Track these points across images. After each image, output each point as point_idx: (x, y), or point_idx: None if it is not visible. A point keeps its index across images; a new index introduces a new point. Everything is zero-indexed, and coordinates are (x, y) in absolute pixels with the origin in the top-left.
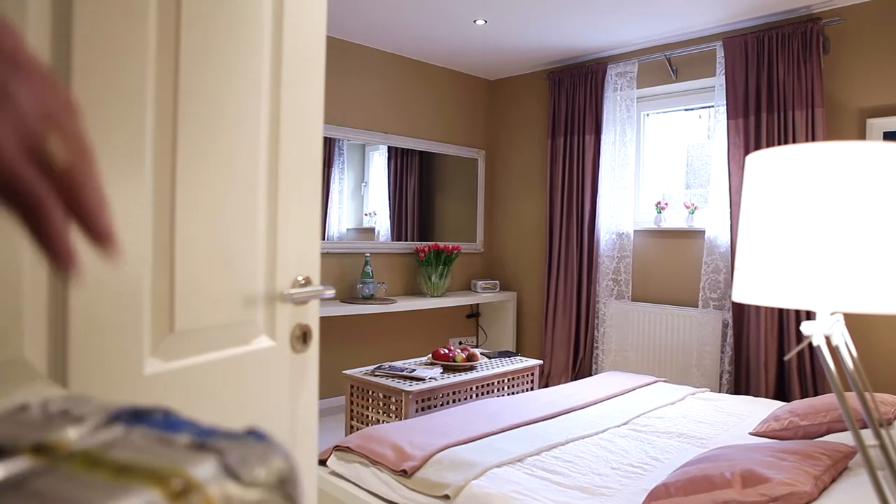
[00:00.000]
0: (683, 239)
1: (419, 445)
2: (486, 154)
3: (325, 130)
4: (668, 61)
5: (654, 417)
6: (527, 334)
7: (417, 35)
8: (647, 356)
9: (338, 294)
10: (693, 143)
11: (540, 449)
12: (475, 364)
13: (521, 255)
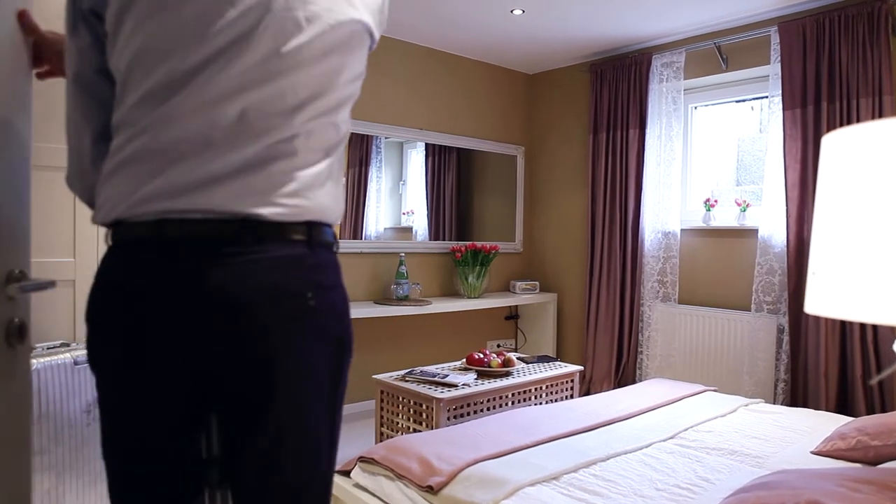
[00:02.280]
0: (734, 238)
1: (447, 459)
2: (525, 150)
3: (360, 127)
4: (717, 49)
5: (704, 431)
6: (567, 338)
7: (453, 28)
8: (694, 363)
9: (371, 295)
10: (744, 137)
11: (578, 465)
12: (511, 370)
13: (562, 255)
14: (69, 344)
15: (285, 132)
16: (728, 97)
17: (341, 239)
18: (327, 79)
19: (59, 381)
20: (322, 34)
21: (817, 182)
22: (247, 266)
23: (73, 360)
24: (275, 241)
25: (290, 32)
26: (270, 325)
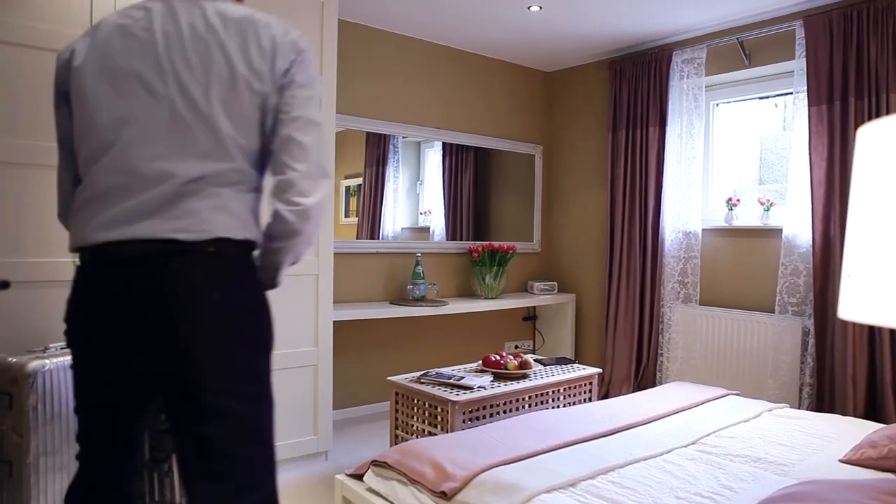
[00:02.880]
0: (758, 238)
1: (461, 464)
2: (543, 149)
3: (376, 126)
4: (740, 45)
5: (726, 437)
6: (586, 339)
7: (469, 25)
8: (716, 365)
9: (387, 295)
10: (767, 135)
11: (596, 472)
12: (528, 372)
13: (581, 255)
14: None
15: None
16: (751, 94)
17: (359, 239)
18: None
19: (70, 382)
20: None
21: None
22: (164, 274)
23: None
24: (188, 255)
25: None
26: (183, 319)
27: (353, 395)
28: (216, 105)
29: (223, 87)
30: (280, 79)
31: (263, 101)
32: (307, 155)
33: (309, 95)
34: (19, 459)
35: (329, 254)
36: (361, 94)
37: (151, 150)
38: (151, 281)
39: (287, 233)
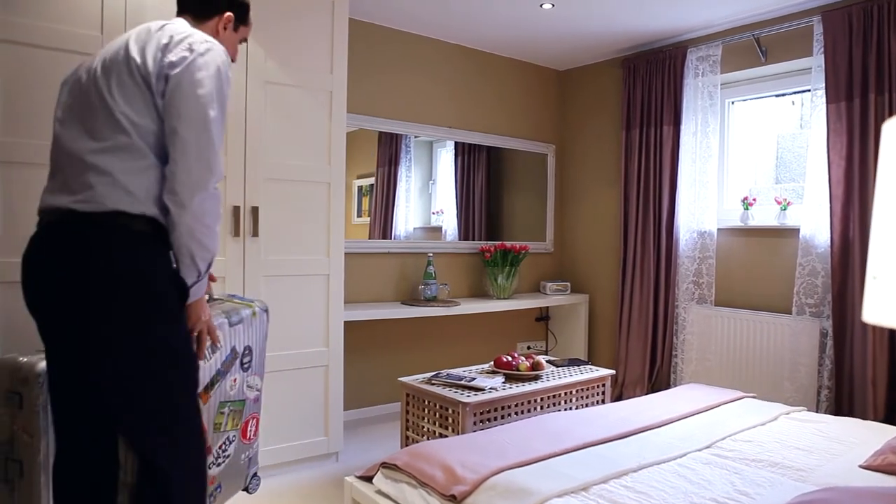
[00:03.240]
0: (774, 238)
1: (471, 467)
2: (556, 148)
3: (388, 126)
4: (756, 42)
5: (742, 441)
6: (599, 340)
7: (481, 23)
8: (732, 367)
9: (398, 296)
10: (784, 133)
11: (608, 476)
12: (540, 373)
13: (594, 255)
14: None
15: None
16: (767, 91)
17: (371, 239)
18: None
19: None
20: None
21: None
22: (62, 238)
23: None
24: (82, 224)
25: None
26: (71, 279)
27: (364, 396)
28: (115, 89)
29: (122, 74)
30: (167, 69)
31: (148, 84)
32: (186, 149)
33: (199, 94)
34: (30, 459)
35: (339, 254)
36: (373, 94)
37: (70, 133)
38: (52, 244)
39: (171, 224)
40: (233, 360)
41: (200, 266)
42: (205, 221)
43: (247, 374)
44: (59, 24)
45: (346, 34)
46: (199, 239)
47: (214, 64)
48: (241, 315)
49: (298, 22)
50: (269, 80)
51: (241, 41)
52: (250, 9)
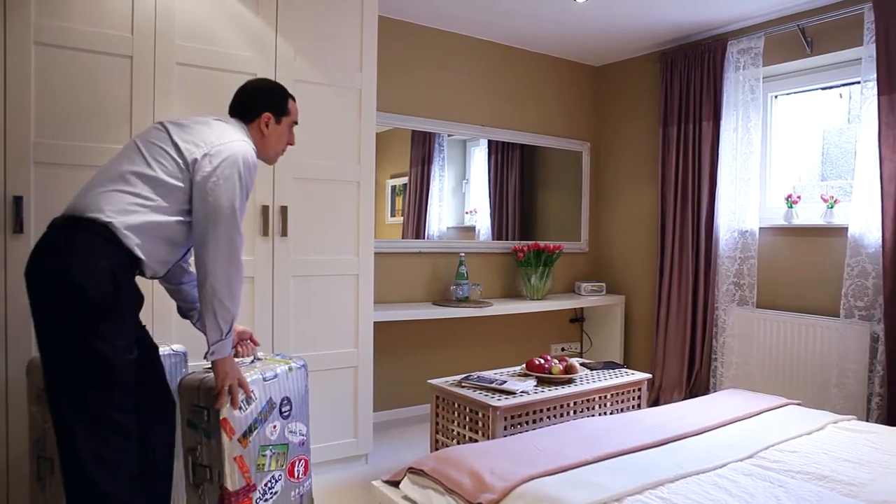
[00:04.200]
0: (820, 237)
1: (500, 474)
2: (591, 146)
3: (420, 124)
4: (801, 32)
5: (787, 451)
6: (635, 342)
7: (514, 19)
8: (775, 372)
9: (430, 296)
10: (830, 128)
11: (643, 486)
12: (574, 377)
13: (630, 255)
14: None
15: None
16: (813, 84)
17: (404, 238)
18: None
19: None
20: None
21: None
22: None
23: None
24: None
25: None
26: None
27: (394, 397)
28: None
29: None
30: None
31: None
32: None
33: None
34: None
35: (369, 254)
36: (406, 93)
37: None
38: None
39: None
40: (270, 409)
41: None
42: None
43: (287, 421)
44: (90, 27)
45: (376, 31)
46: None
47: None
48: (275, 371)
49: (327, 20)
50: (298, 78)
51: (291, 126)
52: (288, 97)
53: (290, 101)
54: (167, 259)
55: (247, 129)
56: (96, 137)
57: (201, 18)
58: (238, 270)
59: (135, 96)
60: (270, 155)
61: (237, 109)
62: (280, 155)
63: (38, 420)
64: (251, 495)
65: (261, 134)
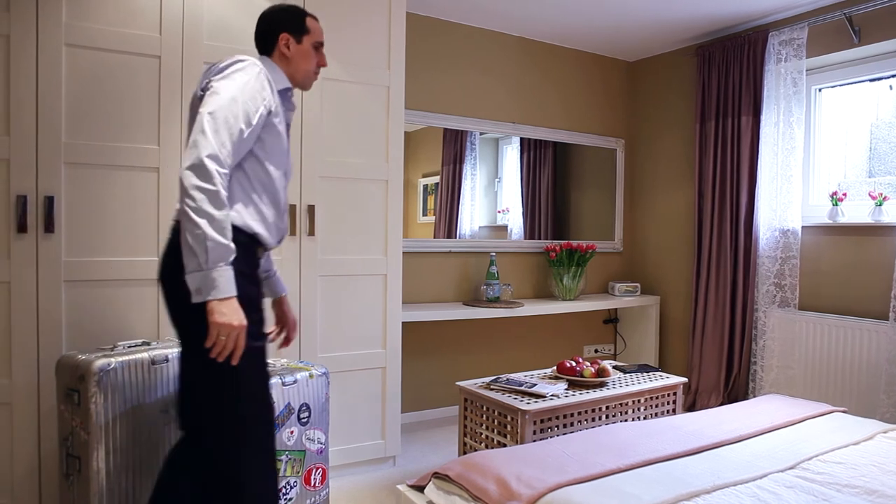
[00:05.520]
0: (868, 236)
1: (527, 481)
2: (625, 143)
3: (451, 122)
4: (848, 21)
5: (832, 462)
6: (671, 344)
7: (546, 14)
8: (818, 377)
9: (460, 296)
10: (879, 122)
11: (678, 497)
12: (606, 380)
13: (666, 254)
14: (150, 343)
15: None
16: (860, 75)
17: (435, 238)
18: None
19: (136, 380)
20: None
21: None
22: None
23: (150, 359)
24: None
25: None
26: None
27: (423, 399)
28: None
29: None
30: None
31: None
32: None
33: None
34: (86, 455)
35: (397, 253)
36: (436, 90)
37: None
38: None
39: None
40: (288, 414)
41: (196, 251)
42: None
43: (305, 428)
44: (119, 27)
45: (404, 28)
46: (187, 215)
47: (231, 67)
48: (294, 377)
49: (355, 16)
50: (324, 76)
51: (316, 46)
52: (306, 15)
53: (309, 18)
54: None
55: (269, 60)
56: (125, 137)
57: (228, 17)
58: (207, 184)
59: (163, 96)
60: (300, 78)
61: (258, 44)
62: (313, 79)
63: (66, 418)
64: None
65: (285, 58)
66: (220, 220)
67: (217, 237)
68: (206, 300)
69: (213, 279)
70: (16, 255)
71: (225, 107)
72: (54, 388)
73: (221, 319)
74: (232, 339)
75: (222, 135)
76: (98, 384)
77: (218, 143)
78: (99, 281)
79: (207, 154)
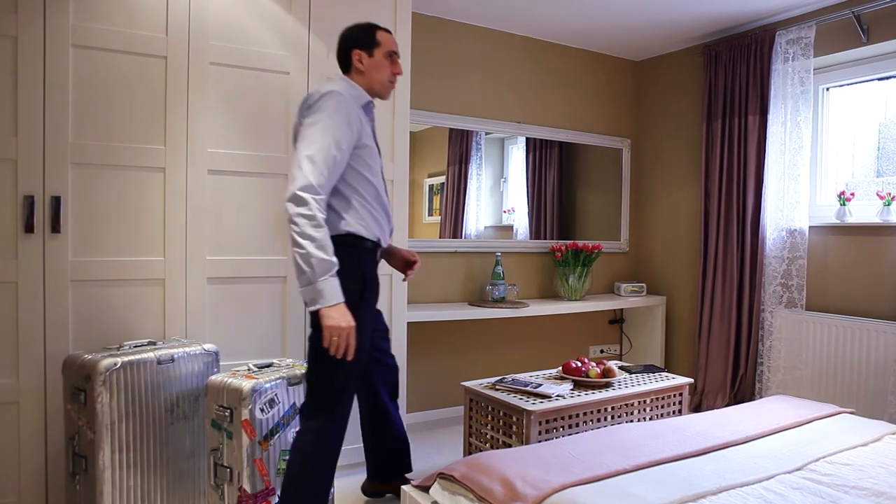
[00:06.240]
0: (876, 236)
1: (532, 482)
2: (631, 143)
3: (457, 122)
4: (856, 19)
5: (840, 464)
6: (677, 345)
7: (552, 14)
8: (825, 378)
9: (466, 296)
10: (887, 121)
11: (684, 498)
12: (612, 381)
13: (672, 254)
14: (156, 343)
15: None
16: (868, 74)
17: (441, 238)
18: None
19: (142, 380)
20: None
21: None
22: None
23: (156, 359)
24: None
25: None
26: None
27: (428, 399)
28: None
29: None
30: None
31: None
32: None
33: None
34: (92, 455)
35: None
36: (442, 90)
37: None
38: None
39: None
40: (293, 414)
41: (304, 268)
42: (293, 219)
43: None
44: (126, 28)
45: (409, 28)
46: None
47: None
48: (299, 378)
49: (360, 17)
50: (330, 76)
51: (389, 56)
52: (376, 29)
53: (379, 31)
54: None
55: (347, 77)
56: (132, 138)
57: (234, 18)
58: (305, 210)
59: (169, 96)
60: (377, 89)
61: (340, 63)
62: (390, 88)
63: (72, 417)
64: (270, 499)
65: (360, 73)
66: (320, 240)
67: (320, 254)
68: (317, 308)
69: (320, 290)
70: (23, 255)
71: (318, 140)
72: (61, 387)
73: (331, 323)
74: (343, 339)
75: (318, 165)
76: (104, 384)
77: (314, 174)
78: (105, 281)
79: (300, 186)
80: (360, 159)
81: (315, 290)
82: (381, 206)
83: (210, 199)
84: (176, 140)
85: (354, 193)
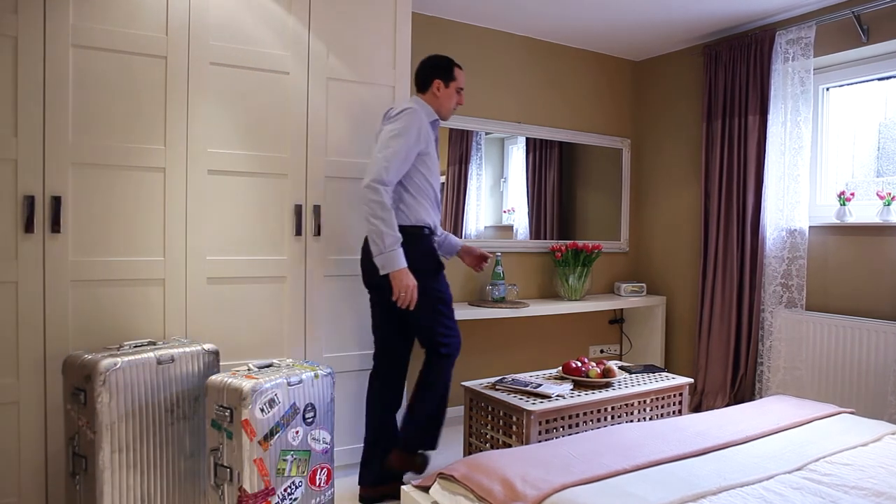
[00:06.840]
0: (876, 236)
1: (532, 482)
2: (631, 143)
3: (456, 122)
4: (856, 19)
5: (840, 464)
6: (677, 345)
7: (552, 14)
8: (826, 378)
9: (465, 296)
10: (887, 121)
11: (684, 498)
12: (612, 381)
13: (672, 254)
14: (156, 343)
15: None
16: (868, 74)
17: None
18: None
19: (142, 380)
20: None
21: None
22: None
23: (156, 358)
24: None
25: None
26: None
27: None
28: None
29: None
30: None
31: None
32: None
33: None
34: (92, 455)
35: None
36: None
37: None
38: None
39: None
40: (293, 414)
41: (377, 241)
42: (368, 212)
43: (311, 428)
44: (126, 28)
45: (409, 28)
46: (368, 222)
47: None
48: (300, 377)
49: (360, 17)
50: (330, 76)
51: (458, 90)
52: (455, 67)
53: (457, 69)
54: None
55: (420, 97)
56: (132, 138)
57: (234, 18)
58: (376, 197)
59: (169, 96)
60: (444, 113)
61: (418, 83)
62: (452, 112)
63: (72, 417)
64: (270, 499)
65: (435, 98)
66: (387, 219)
67: (386, 230)
68: (388, 272)
69: (389, 258)
70: (23, 255)
71: (392, 144)
72: (61, 387)
73: (398, 283)
74: (409, 294)
75: (389, 163)
76: (104, 383)
77: (385, 170)
78: (105, 281)
79: (374, 179)
80: (424, 164)
81: (385, 258)
82: (435, 201)
83: (210, 199)
84: (176, 140)
85: (419, 192)
